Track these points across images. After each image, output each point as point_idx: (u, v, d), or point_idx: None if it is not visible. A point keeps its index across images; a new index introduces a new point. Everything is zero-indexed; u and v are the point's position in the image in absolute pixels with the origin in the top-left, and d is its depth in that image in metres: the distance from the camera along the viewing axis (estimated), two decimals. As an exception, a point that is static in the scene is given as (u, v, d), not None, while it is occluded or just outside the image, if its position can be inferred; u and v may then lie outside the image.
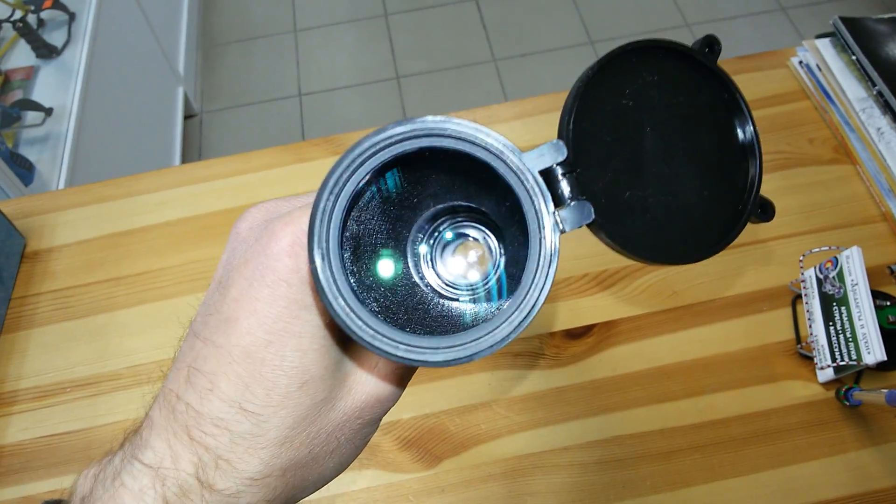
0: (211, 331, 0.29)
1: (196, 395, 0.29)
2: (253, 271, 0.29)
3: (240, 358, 0.29)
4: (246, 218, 0.32)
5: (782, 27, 2.38)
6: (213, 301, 0.30)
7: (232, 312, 0.29)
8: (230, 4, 2.68)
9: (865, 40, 0.89)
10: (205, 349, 0.29)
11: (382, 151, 0.27)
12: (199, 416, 0.29)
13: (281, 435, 0.29)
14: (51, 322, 0.85)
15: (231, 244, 0.32)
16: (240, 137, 2.31)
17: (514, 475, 0.73)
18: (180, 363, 0.30)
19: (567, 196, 0.30)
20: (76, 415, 0.79)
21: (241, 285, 0.29)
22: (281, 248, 0.29)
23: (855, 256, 0.73)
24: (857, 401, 0.71)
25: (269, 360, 0.28)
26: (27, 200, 0.96)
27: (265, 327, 0.28)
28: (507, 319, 0.27)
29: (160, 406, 0.30)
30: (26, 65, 1.63)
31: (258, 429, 0.29)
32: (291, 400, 0.29)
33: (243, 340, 0.29)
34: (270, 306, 0.28)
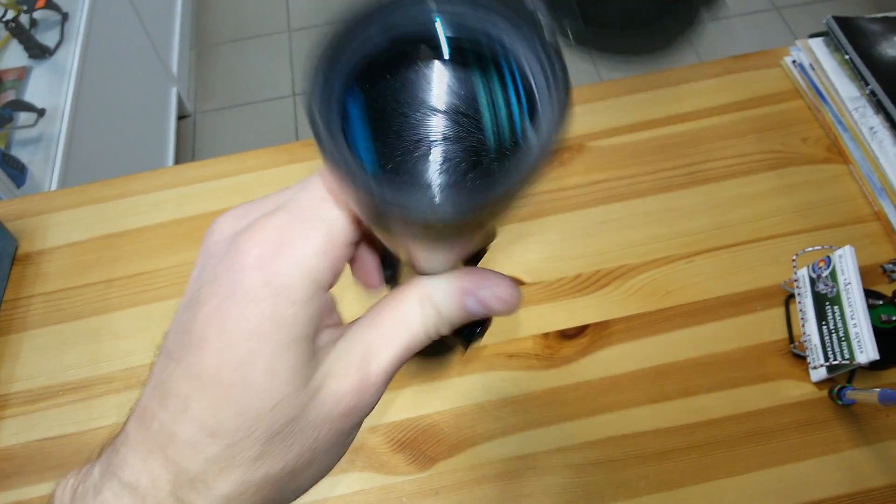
0: (182, 351, 0.29)
1: (169, 415, 0.28)
2: (222, 288, 0.28)
3: (210, 381, 0.28)
4: (214, 230, 0.31)
5: (776, 26, 2.39)
6: (185, 319, 0.29)
7: (202, 332, 0.28)
8: (224, 4, 2.68)
9: (858, 40, 0.89)
10: (177, 370, 0.28)
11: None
12: (173, 436, 0.28)
13: (254, 454, 0.29)
14: (43, 325, 0.85)
15: (201, 258, 0.31)
16: (234, 138, 2.30)
17: (509, 476, 0.72)
18: (155, 380, 0.30)
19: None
20: (69, 419, 0.78)
21: (210, 303, 0.28)
22: (249, 263, 0.28)
23: (848, 256, 0.73)
24: (850, 400, 0.71)
25: (239, 383, 0.28)
26: (19, 202, 0.96)
27: (234, 348, 0.27)
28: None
29: (136, 421, 0.29)
30: (18, 65, 1.62)
31: (230, 451, 0.28)
32: (263, 421, 0.28)
33: (213, 362, 0.28)
34: (239, 325, 0.27)
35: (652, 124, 0.94)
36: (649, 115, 0.95)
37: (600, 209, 0.88)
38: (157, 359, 0.30)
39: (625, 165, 0.91)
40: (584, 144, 0.93)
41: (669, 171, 0.90)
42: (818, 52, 0.92)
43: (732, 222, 0.86)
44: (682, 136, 0.93)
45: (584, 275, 0.84)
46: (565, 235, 0.87)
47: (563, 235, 0.87)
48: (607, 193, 0.89)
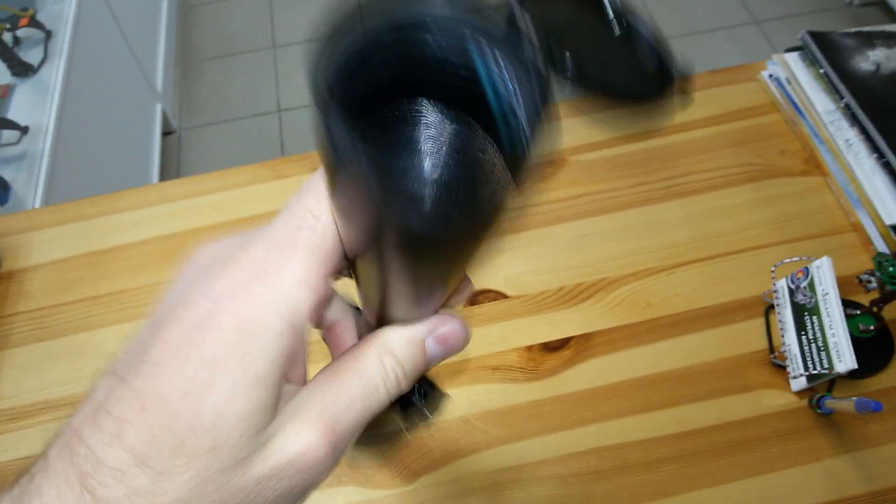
0: (131, 372, 0.27)
1: (100, 439, 0.26)
2: (189, 314, 0.27)
3: (153, 406, 0.26)
4: (192, 257, 0.30)
5: (756, 40, 2.42)
6: (141, 340, 0.28)
7: (157, 356, 0.27)
8: (208, 20, 2.68)
9: (833, 54, 0.90)
10: (119, 390, 0.27)
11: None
12: (98, 463, 0.26)
13: (180, 497, 0.26)
14: (26, 343, 0.84)
15: (174, 283, 0.30)
16: (219, 154, 2.30)
17: (494, 489, 0.73)
18: (91, 401, 0.28)
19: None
20: (52, 436, 0.78)
21: (172, 328, 0.27)
22: (221, 292, 0.27)
23: (825, 266, 0.74)
24: (829, 409, 0.72)
25: (182, 415, 0.26)
26: (2, 220, 0.96)
27: (187, 376, 0.26)
28: None
29: (60, 446, 0.27)
30: (2, 83, 1.62)
31: (156, 487, 0.26)
32: (198, 462, 0.26)
33: (162, 388, 0.26)
34: (200, 352, 0.26)
35: (632, 138, 0.96)
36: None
37: (582, 223, 0.89)
38: (101, 380, 0.29)
39: (605, 179, 0.92)
40: (566, 159, 0.94)
41: (650, 184, 0.91)
42: (794, 67, 0.93)
43: (712, 234, 0.87)
44: (661, 149, 0.94)
45: (566, 288, 0.84)
46: (547, 249, 0.87)
47: (545, 249, 0.87)
48: (588, 207, 0.90)
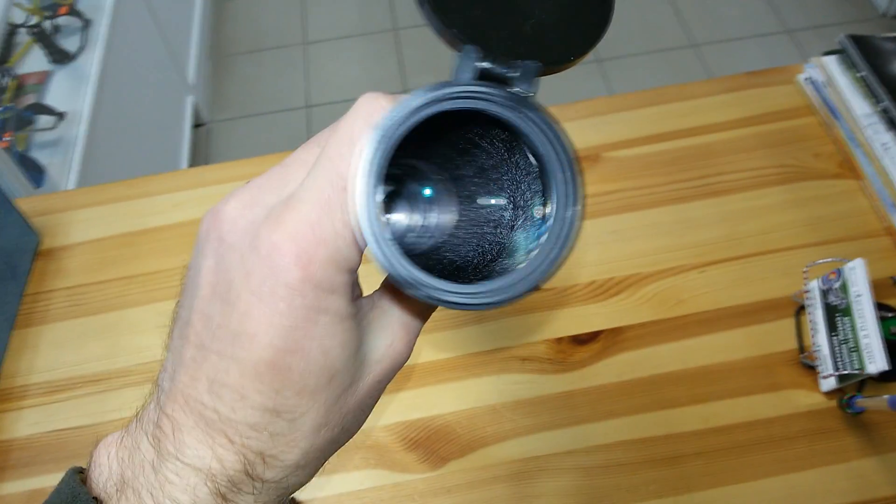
0: (224, 345, 0.29)
1: (226, 405, 0.29)
2: (260, 286, 0.28)
3: (266, 369, 0.29)
4: (224, 218, 0.30)
5: (788, 49, 2.41)
6: (216, 313, 0.30)
7: (245, 327, 0.29)
8: (241, 16, 2.71)
9: (872, 57, 0.90)
10: (222, 362, 0.29)
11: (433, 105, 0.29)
12: (234, 422, 0.29)
13: (316, 424, 0.30)
14: (63, 318, 0.86)
15: (216, 250, 0.30)
16: (247, 147, 2.33)
17: (520, 477, 0.73)
18: (196, 375, 0.30)
19: (510, 74, 0.31)
20: (86, 410, 0.80)
21: (248, 300, 0.29)
22: (288, 262, 0.28)
23: (859, 268, 0.74)
24: (860, 408, 0.71)
25: (296, 366, 0.29)
26: (42, 199, 0.98)
27: (285, 338, 0.29)
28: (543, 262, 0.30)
29: (183, 410, 0.30)
30: (40, 69, 1.65)
31: (294, 425, 0.30)
32: (322, 395, 0.30)
33: (266, 353, 0.29)
34: (287, 319, 0.28)
35: (666, 137, 0.96)
36: (663, 128, 0.97)
37: (614, 218, 0.89)
38: (186, 352, 0.30)
39: (638, 176, 0.93)
40: (600, 155, 0.95)
41: (682, 182, 0.92)
42: (832, 70, 0.93)
43: (744, 234, 0.87)
44: (695, 148, 0.95)
45: (597, 282, 0.85)
46: (579, 243, 0.87)
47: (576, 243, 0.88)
48: (621, 203, 0.91)
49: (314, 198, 0.29)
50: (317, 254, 0.28)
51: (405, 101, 0.28)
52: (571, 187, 0.30)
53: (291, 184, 0.30)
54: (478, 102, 0.29)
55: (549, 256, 0.30)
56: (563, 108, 1.00)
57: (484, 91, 0.29)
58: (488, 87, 0.29)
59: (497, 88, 0.29)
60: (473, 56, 0.31)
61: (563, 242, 0.30)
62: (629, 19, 2.53)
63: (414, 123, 0.28)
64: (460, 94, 0.29)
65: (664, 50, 2.44)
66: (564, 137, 0.30)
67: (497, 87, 0.29)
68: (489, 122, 0.31)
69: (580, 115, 0.99)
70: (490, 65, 0.31)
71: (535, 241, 0.31)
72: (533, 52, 0.33)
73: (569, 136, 0.30)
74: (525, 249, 0.32)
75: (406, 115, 0.28)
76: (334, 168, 0.29)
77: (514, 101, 0.29)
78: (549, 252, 0.30)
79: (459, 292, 0.29)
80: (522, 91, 0.31)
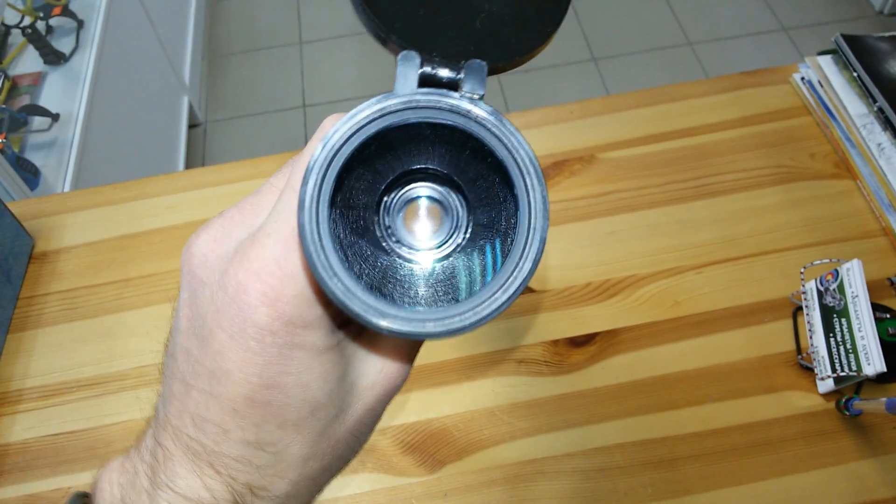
0: (203, 381, 0.29)
1: (209, 439, 0.29)
2: (230, 324, 0.28)
3: (244, 405, 0.29)
4: (194, 253, 0.30)
5: (784, 47, 2.41)
6: (193, 348, 0.29)
7: (219, 364, 0.28)
8: (236, 15, 2.70)
9: (867, 57, 0.90)
10: (202, 398, 0.29)
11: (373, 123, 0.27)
12: (220, 455, 0.29)
13: (303, 455, 0.30)
14: (58, 322, 0.86)
15: (189, 284, 0.30)
16: (243, 147, 2.32)
17: (517, 481, 0.73)
18: (181, 408, 0.30)
19: (455, 77, 0.30)
20: (81, 414, 0.79)
21: (221, 338, 0.28)
22: (255, 300, 0.28)
23: (855, 269, 0.74)
24: (858, 410, 0.71)
25: (275, 401, 0.29)
26: (36, 202, 0.97)
27: (261, 375, 0.28)
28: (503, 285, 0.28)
29: (172, 441, 0.30)
30: (34, 70, 1.64)
31: (280, 457, 0.30)
32: (305, 427, 0.30)
33: (242, 389, 0.28)
34: (260, 356, 0.28)
35: (661, 137, 0.96)
36: (659, 129, 0.96)
37: (610, 219, 0.89)
38: (173, 384, 0.30)
39: (634, 177, 0.92)
40: (595, 156, 0.94)
41: (678, 183, 0.91)
42: (827, 70, 0.93)
43: (740, 235, 0.87)
44: (691, 149, 0.94)
45: (593, 284, 0.84)
46: (575, 245, 0.88)
47: (572, 245, 0.88)
48: (617, 204, 0.90)
49: (279, 231, 0.28)
50: (284, 291, 0.28)
51: (339, 124, 0.27)
52: (536, 194, 0.28)
53: (263, 213, 0.30)
54: (422, 112, 0.28)
55: (512, 274, 0.28)
56: (557, 109, 0.99)
57: (426, 99, 0.28)
58: (431, 95, 0.28)
59: (440, 95, 0.28)
60: (414, 62, 0.29)
61: (529, 258, 0.28)
62: (624, 18, 2.53)
63: (356, 146, 0.27)
64: (401, 106, 0.27)
65: (660, 48, 2.44)
66: (519, 139, 0.28)
67: (441, 93, 0.28)
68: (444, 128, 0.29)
69: (576, 116, 0.99)
70: (432, 69, 0.29)
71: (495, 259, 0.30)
72: (486, 48, 0.31)
73: (525, 139, 0.28)
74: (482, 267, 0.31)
75: (342, 140, 0.27)
76: (297, 198, 0.28)
77: (461, 106, 0.28)
78: (512, 270, 0.28)
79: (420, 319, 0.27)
80: (468, 94, 0.29)
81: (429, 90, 0.28)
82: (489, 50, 0.31)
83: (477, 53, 0.30)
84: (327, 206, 0.27)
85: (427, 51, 0.30)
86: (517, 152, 0.28)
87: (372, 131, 0.27)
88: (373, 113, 0.27)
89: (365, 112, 0.27)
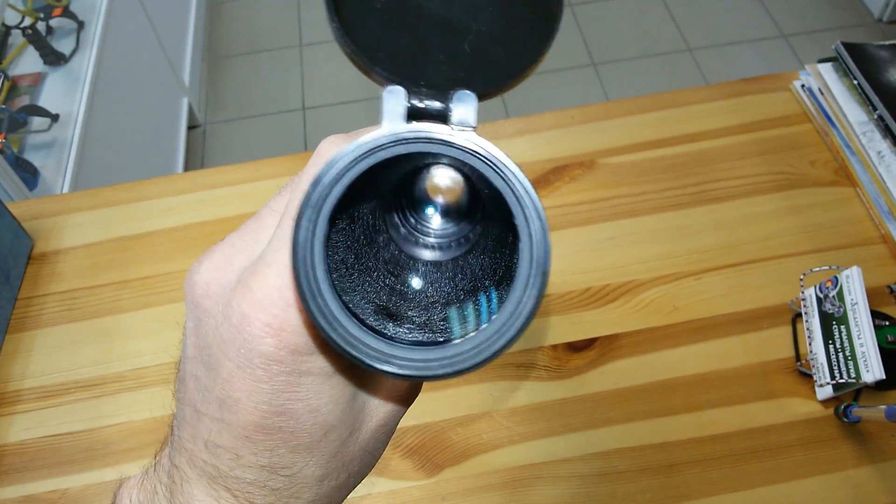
0: (213, 409, 0.29)
1: (223, 464, 0.29)
2: (237, 355, 0.28)
3: (255, 431, 0.29)
4: (197, 282, 0.30)
5: (783, 53, 2.41)
6: (202, 377, 0.30)
7: (228, 393, 0.29)
8: (236, 17, 2.70)
9: (867, 65, 0.90)
10: (213, 425, 0.29)
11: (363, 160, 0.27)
12: (235, 479, 0.29)
13: (317, 476, 0.30)
14: (56, 323, 0.86)
15: (194, 314, 0.30)
16: (243, 149, 2.32)
17: (515, 485, 0.73)
18: (194, 433, 0.30)
19: (443, 108, 0.28)
20: (79, 416, 0.79)
21: (228, 367, 0.28)
22: (259, 331, 0.27)
23: (855, 276, 0.74)
24: (857, 417, 0.71)
25: (286, 426, 0.29)
26: (35, 202, 0.97)
27: (270, 402, 0.28)
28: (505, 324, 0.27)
29: (188, 464, 0.30)
30: (34, 71, 1.64)
31: (294, 479, 0.30)
32: (318, 449, 0.30)
33: (253, 417, 0.28)
34: (268, 385, 0.28)
35: (661, 143, 0.96)
36: (659, 134, 0.97)
37: (609, 225, 0.89)
38: (184, 407, 0.31)
39: (634, 183, 0.93)
40: (595, 161, 0.94)
41: (678, 189, 0.92)
42: (827, 77, 0.93)
43: (740, 241, 0.87)
44: (690, 155, 0.95)
45: (593, 289, 0.84)
46: (574, 250, 0.88)
47: (572, 250, 0.88)
48: (616, 210, 0.91)
49: (279, 260, 0.28)
50: (288, 320, 0.28)
51: (330, 161, 0.26)
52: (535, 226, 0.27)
53: (263, 239, 0.30)
54: (412, 146, 0.27)
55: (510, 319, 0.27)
56: (557, 114, 0.99)
57: (414, 135, 0.27)
58: (418, 130, 0.27)
59: (427, 129, 0.27)
60: (399, 96, 0.28)
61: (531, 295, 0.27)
62: (624, 23, 2.54)
63: (347, 183, 0.27)
64: (390, 142, 0.27)
65: (659, 54, 2.44)
66: (514, 170, 0.27)
67: (429, 127, 0.27)
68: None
69: (576, 122, 0.99)
70: (419, 103, 0.28)
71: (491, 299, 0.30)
72: (476, 73, 0.30)
73: (521, 169, 0.27)
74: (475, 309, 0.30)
75: (334, 177, 0.26)
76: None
77: (449, 138, 0.27)
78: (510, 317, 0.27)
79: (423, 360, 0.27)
80: (459, 126, 0.28)
81: (416, 127, 0.27)
82: (479, 74, 0.30)
83: (467, 79, 0.29)
84: (322, 248, 0.26)
85: (414, 81, 0.29)
86: (515, 186, 0.27)
87: (362, 170, 0.27)
88: (361, 152, 0.26)
89: (352, 153, 0.26)
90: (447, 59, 0.30)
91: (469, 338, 0.27)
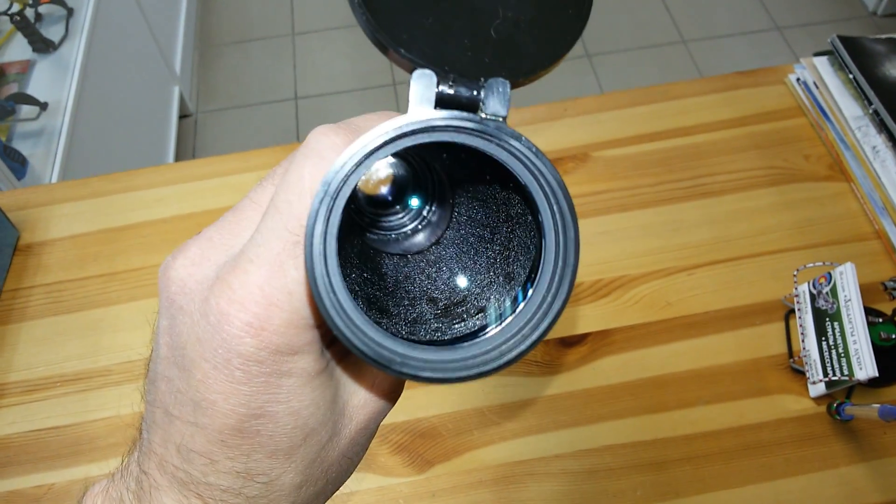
0: (186, 411, 0.28)
1: (196, 469, 0.28)
2: (213, 355, 0.27)
3: (231, 435, 0.27)
4: (172, 278, 0.29)
5: (778, 46, 2.41)
6: (174, 378, 0.28)
7: (203, 395, 0.27)
8: (228, 5, 2.68)
9: (863, 59, 0.89)
10: (186, 428, 0.28)
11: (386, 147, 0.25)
12: (208, 485, 0.28)
13: (295, 483, 0.29)
14: (42, 316, 0.84)
15: (168, 311, 0.29)
16: (234, 139, 2.30)
17: (505, 482, 0.72)
18: (165, 437, 0.29)
19: (475, 97, 0.27)
20: (65, 410, 0.78)
21: (204, 368, 0.27)
22: (239, 331, 0.26)
23: (848, 272, 0.73)
24: (849, 415, 0.71)
25: (264, 430, 0.27)
26: (22, 193, 0.96)
27: (248, 405, 0.27)
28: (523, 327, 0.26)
29: (158, 470, 0.29)
30: (22, 58, 1.62)
31: (271, 487, 0.28)
32: (297, 454, 0.28)
33: (229, 420, 0.27)
34: (247, 386, 0.27)
35: (655, 136, 0.95)
36: (653, 128, 0.96)
37: (602, 219, 0.89)
38: (156, 414, 0.29)
39: (627, 177, 0.92)
40: (589, 154, 0.94)
41: (671, 183, 0.91)
42: (822, 71, 0.93)
43: (733, 236, 0.86)
44: (684, 149, 0.94)
45: (584, 284, 0.84)
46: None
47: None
48: (609, 204, 0.90)
49: (263, 256, 0.26)
50: (270, 319, 0.26)
51: (353, 147, 0.25)
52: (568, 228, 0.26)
53: (244, 233, 0.28)
54: (439, 134, 0.25)
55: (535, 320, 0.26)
56: (551, 106, 0.99)
57: (445, 123, 0.25)
58: (450, 118, 0.25)
59: (460, 118, 0.25)
60: (429, 80, 0.27)
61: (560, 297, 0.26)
62: (620, 14, 2.52)
63: (366, 169, 0.25)
64: (417, 128, 0.25)
65: (654, 46, 2.43)
66: (547, 164, 0.26)
67: (460, 115, 0.26)
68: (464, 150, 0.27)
69: (570, 114, 0.98)
70: (449, 89, 0.27)
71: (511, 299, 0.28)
72: (503, 60, 0.29)
73: (552, 164, 0.26)
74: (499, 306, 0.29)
75: (355, 164, 0.25)
76: (282, 221, 0.26)
77: (482, 129, 0.26)
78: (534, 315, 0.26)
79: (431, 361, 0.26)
80: (490, 116, 0.26)
81: (448, 113, 0.26)
82: (507, 61, 0.28)
83: (494, 66, 0.28)
84: (335, 253, 0.25)
85: (439, 65, 0.27)
86: (547, 185, 0.26)
87: (382, 157, 0.25)
88: (386, 137, 0.25)
89: (376, 140, 0.25)
90: (472, 44, 0.29)
91: (487, 338, 0.27)
